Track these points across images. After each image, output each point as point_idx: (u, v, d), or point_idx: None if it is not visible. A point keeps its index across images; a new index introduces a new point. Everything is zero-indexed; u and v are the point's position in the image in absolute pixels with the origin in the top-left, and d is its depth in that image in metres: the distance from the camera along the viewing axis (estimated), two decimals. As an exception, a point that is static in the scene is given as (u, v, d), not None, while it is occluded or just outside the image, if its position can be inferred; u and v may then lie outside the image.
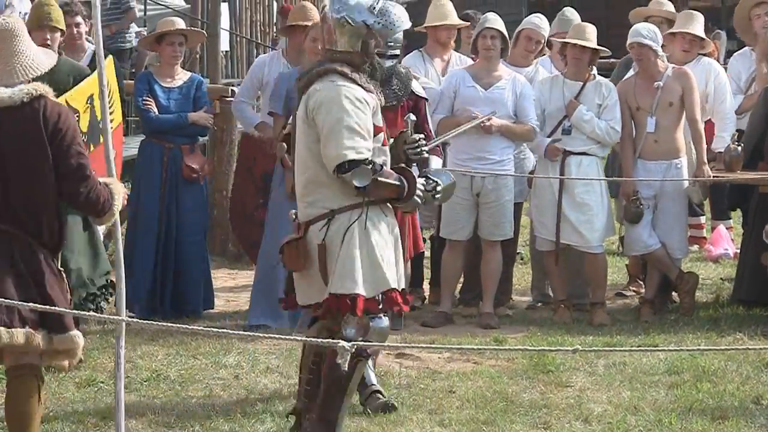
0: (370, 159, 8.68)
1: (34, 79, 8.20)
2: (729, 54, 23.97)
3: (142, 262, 12.89)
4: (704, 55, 14.69)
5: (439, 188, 8.98)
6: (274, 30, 29.31)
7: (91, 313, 10.52)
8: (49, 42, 10.63)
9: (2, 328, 7.87)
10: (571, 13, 14.78)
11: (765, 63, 14.12)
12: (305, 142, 8.96)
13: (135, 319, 11.35)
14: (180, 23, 13.76)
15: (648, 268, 13.97)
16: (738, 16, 15.16)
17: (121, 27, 19.79)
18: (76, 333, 8.23)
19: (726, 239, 16.24)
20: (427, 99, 11.02)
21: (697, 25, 14.34)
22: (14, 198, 8.17)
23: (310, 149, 8.91)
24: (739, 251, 14.80)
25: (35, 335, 7.99)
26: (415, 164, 9.28)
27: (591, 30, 13.37)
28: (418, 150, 9.09)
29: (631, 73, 13.92)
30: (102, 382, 10.69)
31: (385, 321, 8.93)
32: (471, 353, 11.34)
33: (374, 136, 8.77)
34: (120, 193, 8.59)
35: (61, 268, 8.57)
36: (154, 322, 9.93)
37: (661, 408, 10.30)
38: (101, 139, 9.64)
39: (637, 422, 9.88)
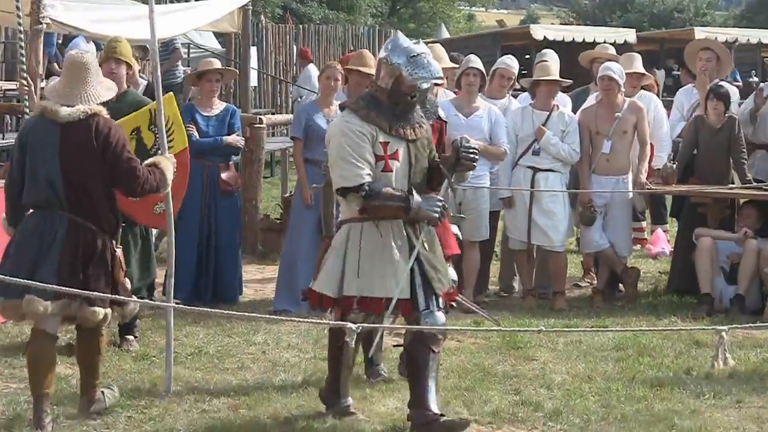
0: (363, 184, 8.64)
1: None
2: (665, 87, 23.97)
3: (185, 258, 12.86)
4: (644, 88, 14.77)
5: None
6: (294, 68, 29.44)
7: (146, 300, 10.51)
8: (114, 71, 10.54)
9: (98, 309, 8.63)
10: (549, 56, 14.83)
11: (701, 93, 14.21)
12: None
13: (180, 305, 11.37)
14: (217, 63, 13.80)
15: (599, 264, 14.03)
16: (688, 53, 15.25)
17: (169, 66, 19.77)
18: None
19: (663, 240, 16.25)
20: (446, 121, 11.13)
21: (637, 63, 14.48)
22: (77, 194, 8.68)
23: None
24: (673, 250, 14.86)
25: (109, 312, 8.75)
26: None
27: (555, 68, 13.45)
28: (471, 154, 8.94)
29: (591, 101, 13.95)
30: (154, 357, 10.71)
31: (439, 317, 8.87)
32: (455, 333, 11.33)
33: (375, 163, 8.73)
34: (169, 167, 9.16)
35: (120, 246, 9.11)
36: (197, 308, 9.91)
37: (609, 377, 10.34)
38: None
39: (590, 389, 9.92)
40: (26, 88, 12.39)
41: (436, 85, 11.05)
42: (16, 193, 8.90)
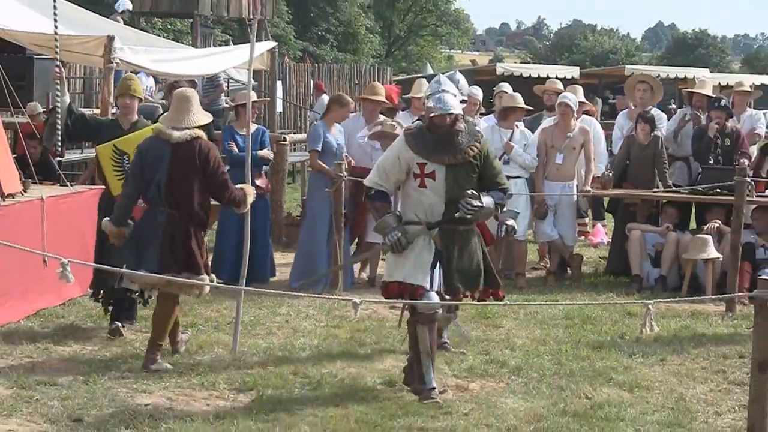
0: (372, 188, 8.76)
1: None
2: (602, 113, 23.87)
3: (227, 247, 12.85)
4: (586, 113, 14.76)
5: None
6: (311, 98, 29.44)
7: (216, 282, 10.31)
8: (128, 105, 10.39)
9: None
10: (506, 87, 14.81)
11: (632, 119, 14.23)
12: None
13: (251, 288, 11.36)
14: (254, 96, 13.75)
15: (551, 251, 13.98)
16: (627, 86, 15.35)
17: (215, 97, 19.71)
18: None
19: (602, 232, 16.19)
20: None
21: (580, 94, 14.47)
22: (178, 197, 9.13)
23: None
24: (610, 240, 14.81)
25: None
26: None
27: (519, 97, 13.50)
28: (469, 213, 8.56)
29: (548, 122, 13.89)
30: (200, 325, 10.66)
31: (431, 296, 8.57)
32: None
33: (414, 179, 8.65)
34: (251, 193, 9.62)
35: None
36: (237, 286, 9.88)
37: (560, 341, 10.30)
38: None
39: (544, 350, 9.87)
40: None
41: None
42: (133, 199, 9.37)
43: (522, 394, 8.73)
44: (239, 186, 9.60)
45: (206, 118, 9.48)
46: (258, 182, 12.97)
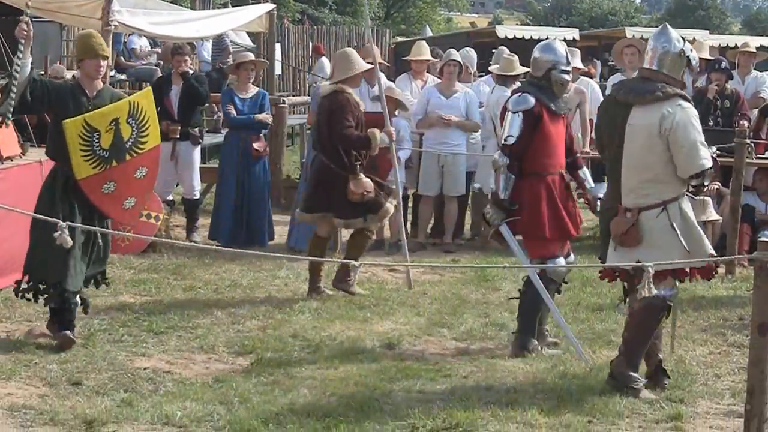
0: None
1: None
2: (601, 74, 23.84)
3: (225, 210, 12.89)
4: (585, 75, 14.76)
5: None
6: (310, 60, 29.39)
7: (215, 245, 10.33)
8: (102, 67, 8.89)
9: (340, 220, 10.60)
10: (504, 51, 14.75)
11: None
12: (656, 151, 7.55)
13: (222, 247, 11.34)
14: (251, 56, 13.70)
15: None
16: (615, 51, 15.29)
17: (224, 59, 19.61)
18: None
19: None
20: None
21: (577, 60, 14.35)
22: (324, 144, 10.35)
23: (660, 156, 7.55)
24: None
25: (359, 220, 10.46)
26: None
27: (516, 59, 13.42)
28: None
29: None
30: (199, 288, 10.67)
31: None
32: (437, 269, 11.29)
33: None
34: (376, 136, 10.41)
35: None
36: (236, 249, 9.87)
37: (559, 303, 10.21)
38: (126, 157, 8.62)
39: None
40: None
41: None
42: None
43: (523, 356, 8.74)
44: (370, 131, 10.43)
45: (357, 65, 10.64)
46: (256, 145, 12.99)
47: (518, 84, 13.68)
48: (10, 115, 8.36)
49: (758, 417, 6.13)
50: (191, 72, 13.33)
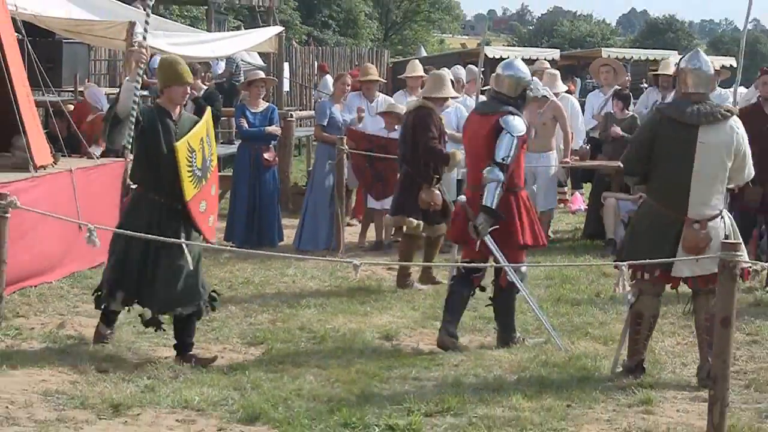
0: None
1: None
2: (581, 91, 23.83)
3: (239, 214, 12.94)
4: (567, 92, 14.83)
5: None
6: (315, 78, 29.41)
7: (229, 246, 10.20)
8: (187, 92, 8.60)
9: (412, 219, 10.54)
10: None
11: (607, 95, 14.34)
12: (726, 165, 7.64)
13: (236, 248, 11.34)
14: (262, 74, 13.75)
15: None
16: (592, 69, 15.56)
17: (236, 78, 19.53)
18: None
19: (580, 200, 16.19)
20: None
21: (558, 83, 14.38)
22: (409, 156, 10.33)
23: (727, 169, 7.68)
24: (587, 207, 14.81)
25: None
26: None
27: None
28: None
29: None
30: (215, 285, 10.61)
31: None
32: (430, 268, 11.29)
33: None
34: (456, 156, 10.53)
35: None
36: (249, 250, 9.87)
37: (542, 299, 10.28)
38: (208, 176, 8.19)
39: (527, 307, 9.67)
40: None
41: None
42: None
43: (507, 347, 8.75)
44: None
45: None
46: (266, 155, 13.04)
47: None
48: (129, 145, 7.84)
49: (720, 401, 6.16)
50: (202, 92, 13.36)
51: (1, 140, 10.71)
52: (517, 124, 8.57)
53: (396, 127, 12.58)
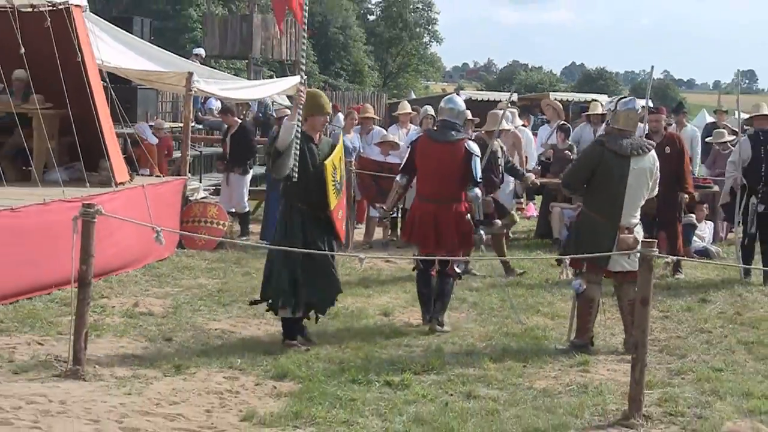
0: None
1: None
2: (533, 125, 23.84)
3: (270, 219, 12.75)
4: (523, 125, 14.80)
5: None
6: (330, 115, 29.27)
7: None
8: (325, 121, 8.22)
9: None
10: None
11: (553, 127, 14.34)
12: (648, 186, 7.72)
13: (268, 245, 11.24)
14: (288, 112, 13.60)
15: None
16: (542, 106, 15.71)
17: (269, 114, 19.45)
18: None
19: (533, 208, 16.17)
20: None
21: (517, 119, 14.23)
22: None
23: (647, 188, 7.74)
24: (539, 214, 14.77)
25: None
26: None
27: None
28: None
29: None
30: (252, 273, 10.58)
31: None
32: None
33: None
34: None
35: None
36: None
37: (503, 285, 10.25)
38: (341, 188, 7.83)
39: (493, 291, 9.74)
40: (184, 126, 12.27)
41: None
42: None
43: (477, 321, 8.74)
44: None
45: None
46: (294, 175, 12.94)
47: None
48: (295, 174, 7.48)
49: (641, 363, 6.16)
50: (236, 127, 13.36)
51: (91, 163, 10.70)
52: (476, 147, 8.40)
53: (390, 152, 12.55)
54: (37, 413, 5.74)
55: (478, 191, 8.28)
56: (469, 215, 8.27)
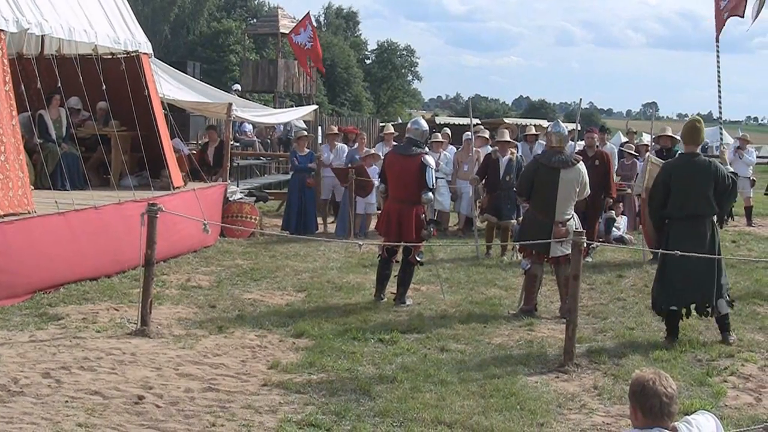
0: None
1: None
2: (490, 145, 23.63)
3: (291, 214, 12.75)
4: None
5: None
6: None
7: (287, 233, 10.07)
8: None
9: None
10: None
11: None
12: (576, 191, 7.58)
13: (289, 234, 11.17)
14: (305, 133, 13.68)
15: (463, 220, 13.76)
16: (498, 131, 14.90)
17: (289, 135, 19.37)
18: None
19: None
20: None
21: (506, 135, 13.84)
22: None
23: (576, 193, 7.61)
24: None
25: None
26: None
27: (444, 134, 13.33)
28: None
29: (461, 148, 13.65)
30: (277, 256, 10.48)
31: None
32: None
33: None
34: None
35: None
36: (297, 236, 9.75)
37: (469, 264, 10.17)
38: None
39: (461, 268, 9.62)
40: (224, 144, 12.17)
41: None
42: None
43: (450, 292, 8.69)
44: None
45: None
46: (308, 181, 12.94)
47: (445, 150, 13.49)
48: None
49: (573, 323, 6.14)
50: (216, 143, 13.26)
51: (155, 171, 10.69)
52: (432, 161, 8.03)
53: (372, 164, 12.47)
54: (114, 362, 5.74)
55: (430, 195, 7.84)
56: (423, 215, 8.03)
